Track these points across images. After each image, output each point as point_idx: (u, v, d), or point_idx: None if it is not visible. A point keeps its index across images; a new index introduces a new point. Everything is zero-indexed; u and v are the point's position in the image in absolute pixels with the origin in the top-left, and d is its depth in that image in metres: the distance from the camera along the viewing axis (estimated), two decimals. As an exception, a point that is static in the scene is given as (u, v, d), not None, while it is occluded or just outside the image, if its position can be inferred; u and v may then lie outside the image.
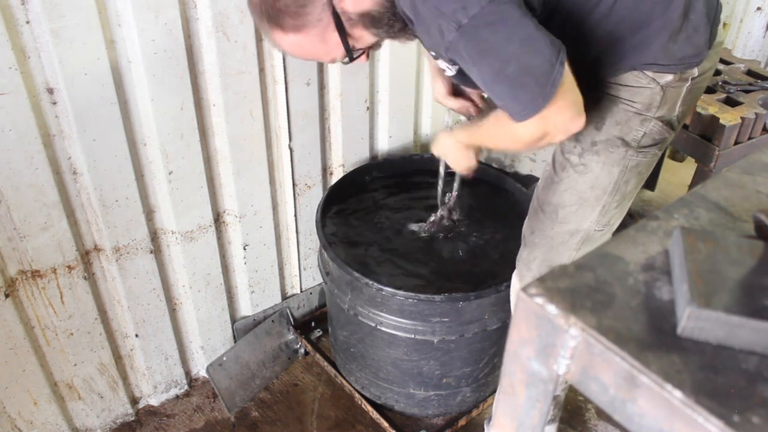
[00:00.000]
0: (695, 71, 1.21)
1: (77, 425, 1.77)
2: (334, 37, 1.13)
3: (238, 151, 1.67)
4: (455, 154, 1.43)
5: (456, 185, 1.69)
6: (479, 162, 1.47)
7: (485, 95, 1.49)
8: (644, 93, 1.21)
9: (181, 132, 1.53)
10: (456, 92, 1.49)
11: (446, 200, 1.73)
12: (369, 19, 1.12)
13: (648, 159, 1.28)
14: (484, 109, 1.48)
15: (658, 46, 1.15)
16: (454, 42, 1.01)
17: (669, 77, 1.19)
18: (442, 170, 1.66)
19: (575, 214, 1.31)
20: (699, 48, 1.19)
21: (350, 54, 1.17)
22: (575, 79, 1.04)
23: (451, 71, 1.23)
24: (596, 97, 1.25)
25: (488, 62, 1.01)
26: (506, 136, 1.16)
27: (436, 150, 1.48)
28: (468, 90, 1.48)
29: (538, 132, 1.07)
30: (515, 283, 1.47)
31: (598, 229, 1.32)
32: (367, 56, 1.23)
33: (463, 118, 1.55)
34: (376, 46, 1.22)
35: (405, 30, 1.15)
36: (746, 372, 0.51)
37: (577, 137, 1.26)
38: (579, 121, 1.07)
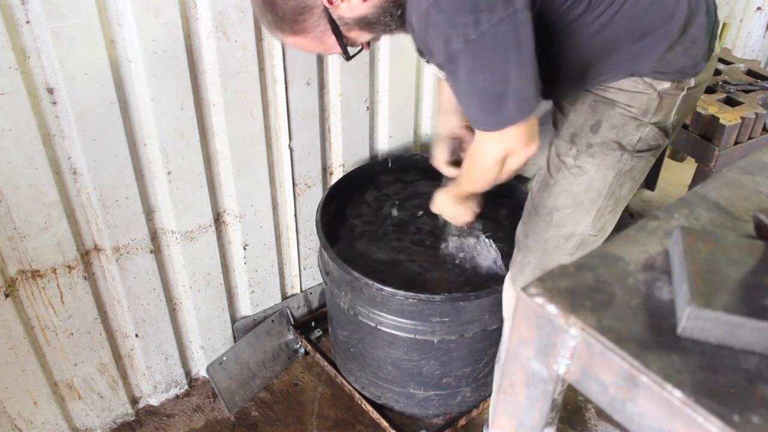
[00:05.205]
0: (692, 81, 1.23)
1: (77, 425, 1.77)
2: (332, 39, 1.17)
3: (238, 151, 1.67)
4: (451, 211, 1.54)
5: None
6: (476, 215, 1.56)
7: None
8: (641, 98, 1.22)
9: (181, 132, 1.53)
10: (455, 162, 1.56)
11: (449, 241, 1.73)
12: (365, 22, 1.15)
13: (642, 164, 1.29)
14: None
15: (656, 55, 1.18)
16: (456, 52, 1.03)
17: (666, 84, 1.21)
18: (441, 223, 1.72)
19: (570, 218, 1.31)
20: (696, 60, 1.22)
21: (347, 54, 1.21)
22: (572, 81, 1.07)
23: (442, 74, 1.25)
24: (594, 100, 1.25)
25: (482, 77, 1.06)
26: (475, 167, 1.24)
27: (435, 209, 1.57)
28: None
29: (500, 151, 1.14)
30: (508, 287, 1.45)
31: (592, 234, 1.32)
32: (368, 45, 1.25)
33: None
34: (374, 39, 1.24)
35: (402, 27, 1.17)
36: (746, 372, 0.51)
37: (572, 139, 1.27)
38: (534, 146, 1.15)
